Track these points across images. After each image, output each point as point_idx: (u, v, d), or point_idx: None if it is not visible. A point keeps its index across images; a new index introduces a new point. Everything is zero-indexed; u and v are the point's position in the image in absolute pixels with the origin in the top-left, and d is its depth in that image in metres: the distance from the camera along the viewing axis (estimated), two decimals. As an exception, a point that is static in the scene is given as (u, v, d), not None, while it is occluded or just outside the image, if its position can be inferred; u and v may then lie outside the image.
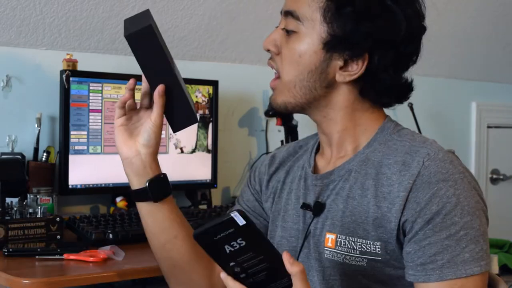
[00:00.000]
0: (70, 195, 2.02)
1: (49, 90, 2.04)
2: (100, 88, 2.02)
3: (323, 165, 1.32)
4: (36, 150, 2.00)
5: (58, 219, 1.76)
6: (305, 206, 1.28)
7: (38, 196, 1.85)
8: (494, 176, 3.39)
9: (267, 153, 2.49)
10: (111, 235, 1.76)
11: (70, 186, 1.99)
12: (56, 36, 2.09)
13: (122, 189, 2.03)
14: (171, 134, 2.15)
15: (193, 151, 2.22)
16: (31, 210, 1.76)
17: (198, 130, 2.22)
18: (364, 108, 1.27)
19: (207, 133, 2.25)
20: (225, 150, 2.39)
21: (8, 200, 1.77)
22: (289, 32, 1.25)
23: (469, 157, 3.28)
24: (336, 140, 1.29)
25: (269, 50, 1.28)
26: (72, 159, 1.98)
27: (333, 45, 1.21)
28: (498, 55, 3.31)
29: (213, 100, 2.26)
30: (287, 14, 1.25)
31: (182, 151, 2.19)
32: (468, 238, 1.13)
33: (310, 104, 1.27)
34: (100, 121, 2.02)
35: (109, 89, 2.03)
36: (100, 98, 2.02)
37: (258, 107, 2.53)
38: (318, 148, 1.36)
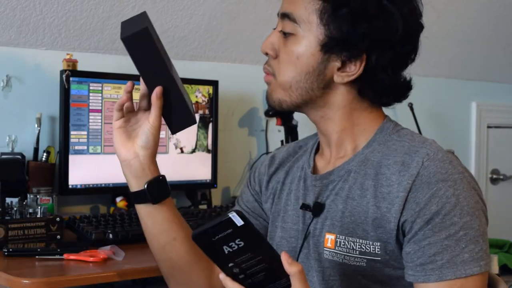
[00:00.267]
0: (70, 195, 2.02)
1: (49, 90, 2.04)
2: (100, 88, 2.02)
3: (323, 165, 1.32)
4: (36, 150, 2.00)
5: (58, 219, 1.76)
6: (304, 207, 1.28)
7: (38, 196, 1.85)
8: (494, 176, 3.39)
9: (267, 153, 2.49)
10: (111, 235, 1.76)
11: (70, 186, 1.99)
12: (56, 36, 2.09)
13: (122, 189, 2.03)
14: (171, 134, 2.15)
15: (193, 151, 2.22)
16: (31, 210, 1.76)
17: (198, 130, 2.22)
18: (362, 108, 1.27)
19: (207, 133, 2.25)
20: (225, 150, 2.39)
21: (8, 200, 1.77)
22: (286, 34, 1.25)
23: (469, 157, 3.28)
24: (335, 140, 1.29)
25: (267, 54, 1.28)
26: (72, 159, 1.98)
27: (330, 46, 1.21)
28: (498, 55, 3.31)
29: (213, 100, 2.26)
30: (284, 17, 1.25)
31: (182, 151, 2.19)
32: (468, 238, 1.13)
33: (307, 104, 1.27)
34: (100, 121, 2.02)
35: (109, 89, 2.03)
36: (100, 98, 2.02)
37: (258, 107, 2.53)
38: (317, 148, 1.36)
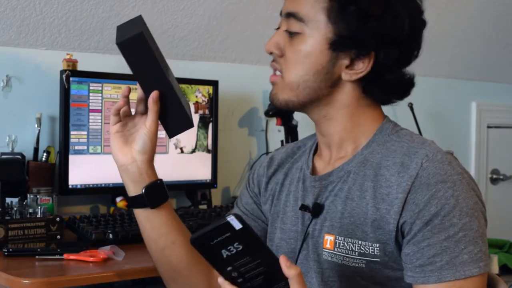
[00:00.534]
0: (70, 195, 2.02)
1: (49, 90, 2.04)
2: (100, 88, 2.02)
3: (322, 166, 1.32)
4: (36, 150, 2.00)
5: (58, 219, 1.76)
6: (303, 208, 1.28)
7: (38, 196, 1.85)
8: (494, 176, 3.39)
9: (267, 153, 2.49)
10: (111, 235, 1.76)
11: (70, 186, 1.99)
12: (56, 36, 2.09)
13: (122, 189, 1.97)
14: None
15: (193, 151, 2.22)
16: (31, 210, 1.76)
17: (198, 130, 2.22)
18: (364, 108, 1.27)
19: (207, 133, 2.25)
20: (225, 150, 2.39)
21: (8, 200, 1.77)
22: (292, 33, 1.24)
23: (469, 157, 3.28)
24: (336, 140, 1.29)
25: (271, 53, 1.27)
26: (72, 159, 1.98)
27: (339, 44, 1.21)
28: (498, 55, 3.31)
29: (213, 100, 2.26)
30: (288, 16, 1.24)
31: (182, 151, 2.19)
32: (467, 240, 1.13)
33: (312, 103, 1.26)
34: (100, 121, 2.02)
35: (109, 89, 2.03)
36: (100, 98, 2.02)
37: (258, 107, 2.53)
38: (316, 149, 1.36)
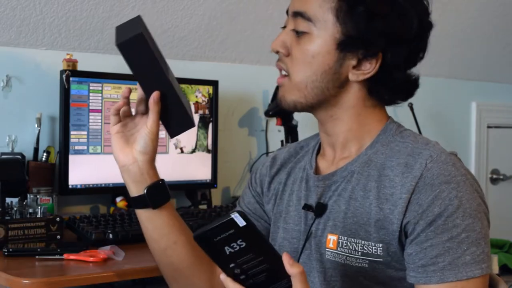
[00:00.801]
0: (70, 195, 2.01)
1: (49, 90, 2.04)
2: (100, 88, 2.02)
3: (325, 166, 1.32)
4: (36, 150, 2.00)
5: (58, 219, 1.75)
6: (306, 207, 1.28)
7: (38, 196, 1.85)
8: (494, 176, 3.39)
9: (267, 153, 2.49)
10: (111, 235, 1.76)
11: (70, 186, 1.99)
12: (56, 36, 2.09)
13: (122, 189, 1.99)
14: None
15: (193, 151, 2.22)
16: (31, 210, 1.76)
17: (198, 130, 2.22)
18: (370, 108, 1.27)
19: (207, 133, 2.24)
20: (225, 150, 2.39)
21: (8, 200, 1.77)
22: (299, 33, 1.23)
23: (469, 157, 3.28)
24: (340, 140, 1.28)
25: (277, 52, 1.26)
26: (72, 159, 1.98)
27: (347, 45, 1.20)
28: (498, 55, 3.31)
29: (213, 100, 2.25)
30: (296, 15, 1.24)
31: (182, 151, 2.19)
32: (470, 241, 1.13)
33: (320, 104, 1.26)
34: (100, 121, 2.02)
35: (109, 89, 2.03)
36: (100, 98, 2.02)
37: (258, 107, 2.53)
38: (319, 149, 1.36)
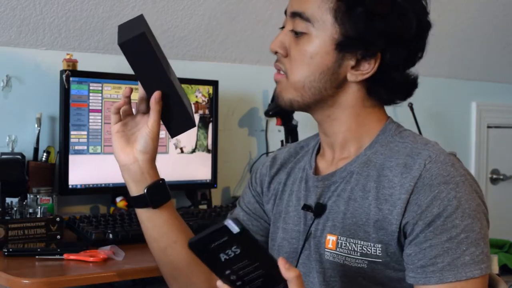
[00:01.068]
0: (70, 195, 2.02)
1: (49, 90, 2.04)
2: (100, 88, 2.02)
3: (324, 166, 1.32)
4: (36, 150, 2.00)
5: (58, 219, 1.75)
6: (306, 208, 1.28)
7: (38, 196, 1.85)
8: (494, 176, 3.39)
9: (267, 153, 2.49)
10: (111, 235, 1.76)
11: (70, 186, 1.99)
12: (56, 36, 2.09)
13: (122, 189, 1.99)
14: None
15: (193, 151, 2.22)
16: (31, 210, 1.76)
17: (198, 130, 2.22)
18: (368, 108, 1.27)
19: (207, 133, 2.24)
20: (225, 150, 2.39)
21: (8, 200, 1.77)
22: (298, 33, 1.23)
23: (469, 157, 3.28)
24: (339, 140, 1.28)
25: (276, 53, 1.26)
26: (72, 159, 1.98)
27: (345, 45, 1.20)
28: (498, 55, 3.31)
29: (213, 100, 2.25)
30: (294, 15, 1.24)
31: (182, 151, 2.19)
32: (469, 241, 1.13)
33: (317, 104, 1.26)
34: (100, 121, 2.02)
35: (109, 89, 2.03)
36: (100, 98, 2.02)
37: (258, 107, 2.53)
38: (319, 149, 1.36)
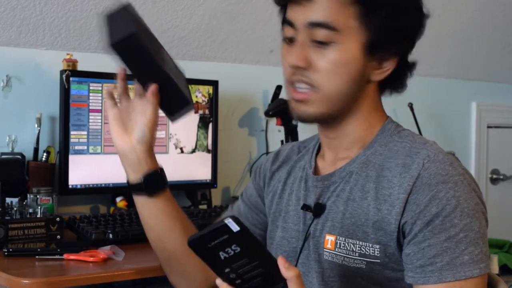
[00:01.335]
0: (70, 195, 2.02)
1: (49, 90, 2.04)
2: (100, 88, 2.02)
3: (324, 166, 1.32)
4: (36, 150, 2.00)
5: (58, 219, 1.76)
6: (305, 207, 1.28)
7: (38, 196, 1.85)
8: (494, 176, 3.39)
9: (267, 153, 2.49)
10: (111, 235, 1.76)
11: (70, 186, 1.99)
12: (56, 36, 2.09)
13: (122, 189, 2.03)
14: (171, 134, 2.15)
15: (193, 151, 2.22)
16: (31, 210, 1.76)
17: (198, 130, 2.22)
18: (374, 109, 1.27)
19: (207, 133, 2.24)
20: (225, 150, 2.39)
21: (8, 200, 1.77)
22: (322, 43, 1.19)
23: (469, 157, 3.28)
24: (345, 144, 1.27)
25: (295, 67, 1.20)
26: (72, 159, 1.98)
27: (374, 48, 1.20)
28: (498, 55, 3.31)
29: (213, 100, 2.26)
30: (313, 25, 1.18)
31: (182, 151, 2.19)
32: (468, 241, 1.13)
33: (340, 111, 1.23)
34: (100, 121, 2.02)
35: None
36: (100, 98, 2.02)
37: (258, 107, 2.53)
38: (319, 149, 1.36)
